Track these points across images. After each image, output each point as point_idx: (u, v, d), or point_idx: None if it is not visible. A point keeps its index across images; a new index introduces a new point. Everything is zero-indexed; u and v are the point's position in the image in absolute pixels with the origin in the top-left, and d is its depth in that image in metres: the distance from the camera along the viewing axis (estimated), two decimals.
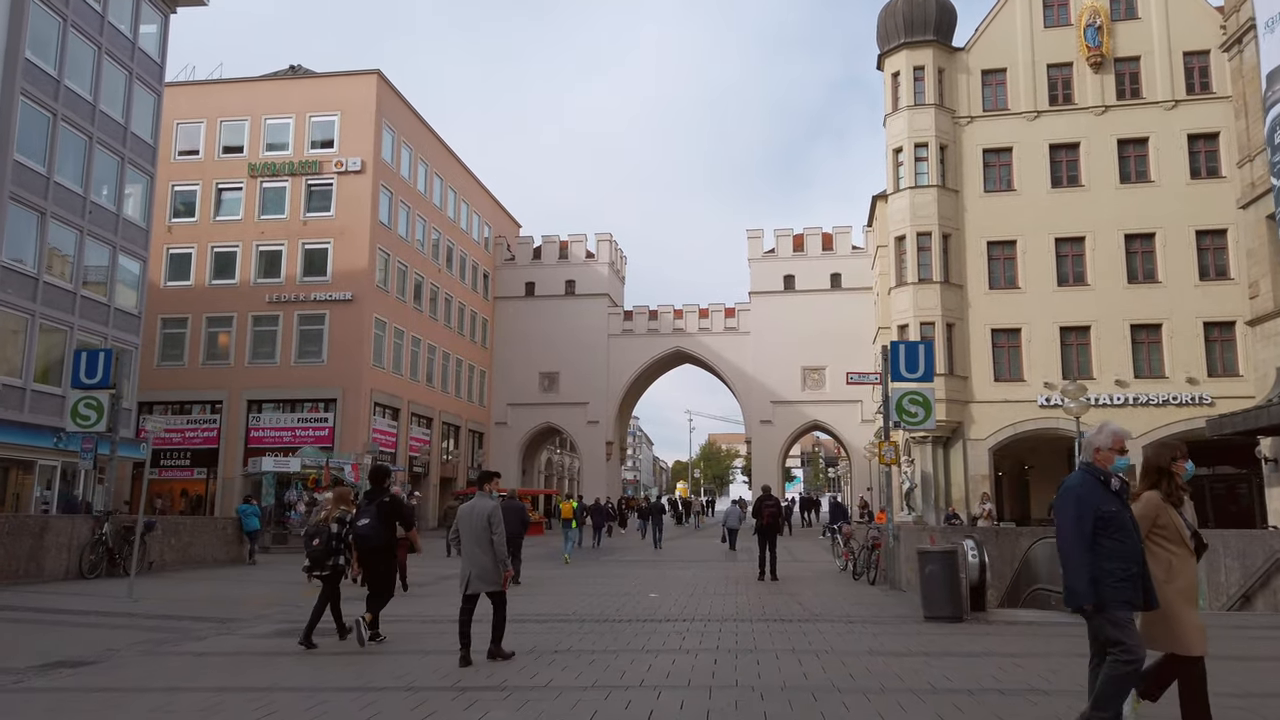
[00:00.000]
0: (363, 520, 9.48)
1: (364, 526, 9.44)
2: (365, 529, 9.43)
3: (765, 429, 50.92)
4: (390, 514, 9.56)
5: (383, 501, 9.60)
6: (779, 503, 17.72)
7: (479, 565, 8.49)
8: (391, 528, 9.59)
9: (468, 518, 8.63)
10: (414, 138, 44.04)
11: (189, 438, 38.65)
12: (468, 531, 8.61)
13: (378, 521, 9.45)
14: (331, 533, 9.60)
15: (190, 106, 40.79)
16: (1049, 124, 35.46)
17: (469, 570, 8.55)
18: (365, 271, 38.66)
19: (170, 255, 40.01)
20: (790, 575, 18.08)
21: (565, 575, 19.25)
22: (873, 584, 15.83)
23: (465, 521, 8.65)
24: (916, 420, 14.73)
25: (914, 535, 13.43)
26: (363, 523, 9.47)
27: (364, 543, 9.45)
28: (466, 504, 8.81)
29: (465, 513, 8.70)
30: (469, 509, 8.68)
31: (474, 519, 8.57)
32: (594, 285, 54.31)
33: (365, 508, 9.59)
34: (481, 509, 8.57)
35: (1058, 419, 33.88)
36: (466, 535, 8.63)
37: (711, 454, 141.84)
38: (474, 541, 8.55)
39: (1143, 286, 33.97)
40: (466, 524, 8.62)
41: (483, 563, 8.47)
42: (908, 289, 35.24)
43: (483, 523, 8.51)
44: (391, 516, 9.58)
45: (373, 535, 9.42)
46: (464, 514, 8.70)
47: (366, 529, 9.43)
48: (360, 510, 9.64)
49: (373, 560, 9.54)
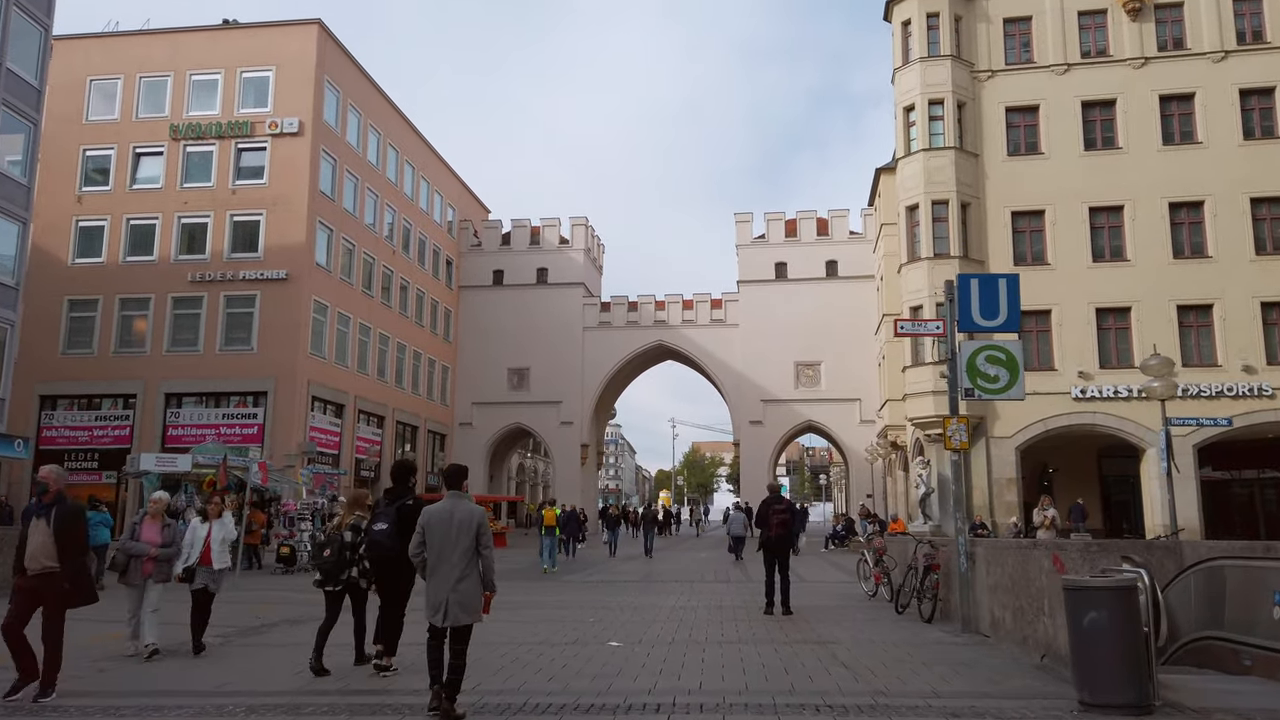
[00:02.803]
0: (379, 525, 8.19)
1: (380, 533, 8.15)
2: (381, 536, 8.14)
3: (755, 430, 46.34)
4: (413, 520, 7.47)
5: (404, 505, 8.22)
6: (792, 506, 13.06)
7: (461, 590, 6.59)
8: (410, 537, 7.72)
9: (444, 526, 6.70)
10: (364, 102, 39.30)
11: (97, 436, 33.64)
12: (445, 544, 6.66)
13: (396, 528, 8.06)
14: (345, 541, 8.54)
15: (106, 61, 35.94)
16: (1081, 78, 31.18)
17: (445, 596, 6.58)
18: (302, 247, 33.83)
19: (80, 228, 35.04)
20: (806, 605, 13.46)
21: (515, 603, 14.51)
22: (929, 621, 11.23)
23: (440, 531, 6.69)
24: (997, 386, 10.22)
25: (1012, 554, 8.85)
26: (379, 528, 8.18)
27: (378, 552, 8.15)
28: (438, 508, 6.84)
29: (440, 520, 6.73)
30: (445, 515, 6.75)
31: (456, 528, 6.68)
32: (568, 274, 49.64)
33: (384, 511, 8.27)
34: (466, 515, 6.74)
35: (1094, 413, 29.60)
36: (443, 549, 6.67)
37: (695, 462, 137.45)
38: (456, 558, 6.64)
39: (1190, 262, 29.71)
40: (442, 534, 6.68)
41: (466, 587, 6.62)
42: (921, 265, 30.79)
43: (469, 534, 6.68)
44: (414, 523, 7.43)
45: (389, 544, 8.04)
46: (438, 521, 6.73)
47: (382, 536, 8.12)
48: (377, 514, 8.36)
49: (389, 574, 8.19)
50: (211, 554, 9.88)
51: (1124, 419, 29.48)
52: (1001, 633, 9.30)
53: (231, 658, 9.52)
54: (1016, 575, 8.70)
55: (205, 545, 9.90)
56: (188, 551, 9.83)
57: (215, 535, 10.01)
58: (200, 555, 9.85)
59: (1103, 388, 29.41)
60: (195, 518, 10.62)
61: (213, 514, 10.23)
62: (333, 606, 8.68)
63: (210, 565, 9.84)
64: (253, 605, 13.94)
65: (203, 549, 9.88)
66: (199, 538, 9.96)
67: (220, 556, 10.00)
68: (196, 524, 10.24)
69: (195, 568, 9.76)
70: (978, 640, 9.67)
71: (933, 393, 29.94)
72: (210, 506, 10.41)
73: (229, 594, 14.67)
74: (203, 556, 9.85)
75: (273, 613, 12.90)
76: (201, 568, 9.79)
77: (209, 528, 10.05)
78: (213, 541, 9.95)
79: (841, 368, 45.27)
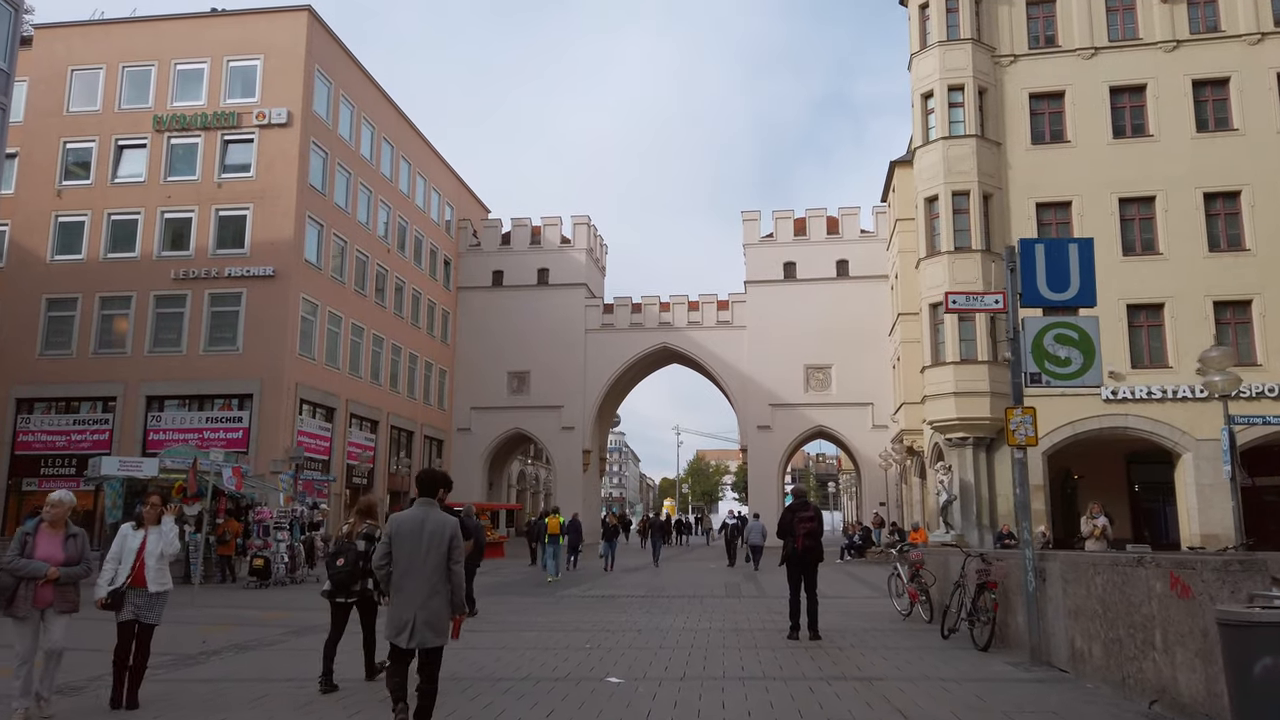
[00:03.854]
0: None
1: None
2: None
3: (763, 435, 44.64)
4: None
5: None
6: (819, 514, 11.39)
7: (429, 608, 5.89)
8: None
9: (413, 538, 5.98)
10: (357, 94, 37.81)
11: (75, 441, 32.03)
12: (414, 557, 5.95)
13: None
14: (359, 551, 8.17)
15: (88, 50, 34.48)
16: (1108, 63, 29.59)
17: (412, 614, 5.86)
18: (290, 243, 32.28)
19: (59, 224, 33.51)
20: (833, 627, 11.81)
21: (502, 623, 12.86)
22: (985, 649, 9.56)
23: (408, 543, 5.98)
24: (1068, 371, 8.60)
25: (1103, 572, 7.18)
26: None
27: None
28: (407, 516, 6.13)
29: (408, 530, 6.02)
30: (414, 524, 6.04)
31: (427, 540, 5.96)
32: (570, 274, 48.05)
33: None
34: (438, 526, 6.02)
35: (1126, 415, 27.92)
36: (412, 562, 5.96)
37: (700, 470, 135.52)
38: (426, 573, 5.94)
39: (1226, 255, 28.08)
40: (410, 547, 5.97)
41: (436, 605, 5.89)
42: (940, 260, 29.16)
43: (441, 546, 5.97)
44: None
45: None
46: (406, 532, 6.02)
47: None
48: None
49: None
50: (147, 573, 7.47)
51: (1158, 421, 27.79)
52: (1086, 668, 7.64)
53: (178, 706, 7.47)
54: (1110, 598, 7.06)
55: (138, 561, 7.47)
56: (113, 570, 7.42)
57: (152, 548, 7.55)
58: (132, 574, 7.43)
59: (1135, 388, 27.73)
60: (126, 525, 7.91)
61: (148, 520, 7.71)
62: (339, 619, 8.24)
63: (145, 587, 7.44)
64: (205, 625, 12.29)
65: (134, 565, 7.46)
66: (129, 550, 7.51)
67: (159, 575, 7.56)
68: (127, 532, 7.68)
69: (124, 591, 7.35)
70: (1054, 676, 8.01)
71: (954, 394, 28.32)
72: (145, 510, 7.81)
73: (178, 612, 13.06)
74: (135, 575, 7.44)
75: (222, 636, 11.26)
76: (133, 591, 7.39)
77: (143, 537, 7.57)
78: (148, 556, 7.52)
79: (853, 371, 43.60)
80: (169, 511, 8.20)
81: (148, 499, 8.05)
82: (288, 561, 19.90)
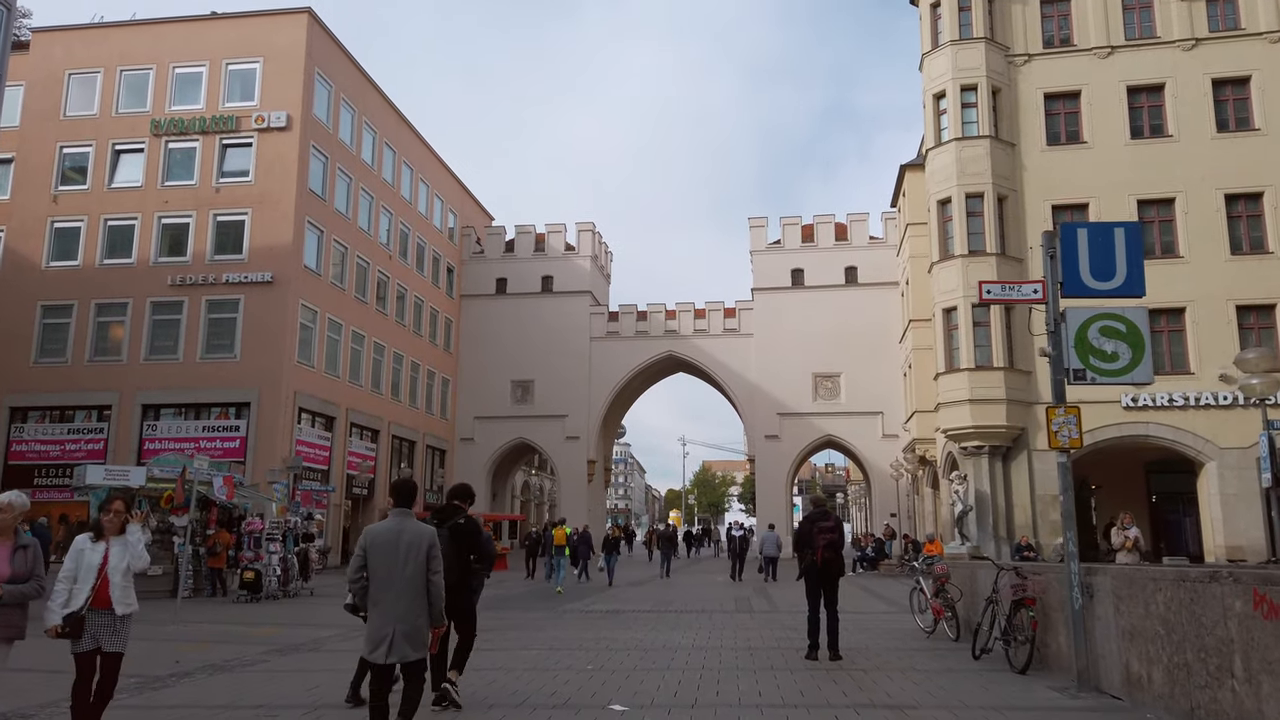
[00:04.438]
0: None
1: None
2: None
3: (771, 445, 43.81)
4: (468, 541, 7.66)
5: (457, 524, 7.68)
6: (840, 524, 10.65)
7: (408, 621, 5.72)
8: (467, 558, 7.69)
9: (389, 550, 5.77)
10: (358, 98, 37.26)
11: (69, 451, 31.35)
12: (391, 569, 5.74)
13: (452, 550, 7.28)
14: None
15: (86, 53, 34.01)
16: (1125, 62, 28.90)
17: (391, 628, 5.67)
18: (289, 248, 31.66)
19: (55, 230, 32.95)
20: (854, 645, 11.02)
21: (497, 641, 12.09)
22: (1023, 671, 8.76)
23: (384, 555, 5.78)
24: (1116, 367, 7.86)
25: (1166, 588, 6.41)
26: None
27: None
28: (382, 527, 5.92)
29: (384, 542, 5.80)
30: (390, 535, 5.83)
31: (404, 551, 5.78)
32: (574, 281, 47.38)
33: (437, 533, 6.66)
34: (415, 537, 5.85)
35: (1147, 423, 27.10)
36: (389, 575, 5.74)
37: (706, 481, 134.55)
38: (402, 585, 5.74)
39: (1250, 259, 27.30)
40: (387, 559, 5.77)
41: (414, 618, 5.74)
42: (954, 263, 28.42)
43: (419, 557, 5.80)
44: (469, 545, 7.67)
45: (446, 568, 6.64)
46: (381, 544, 5.80)
47: None
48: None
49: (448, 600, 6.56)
50: (111, 591, 6.14)
51: (1180, 429, 26.97)
52: (1145, 695, 6.86)
53: None
54: (1175, 618, 6.28)
55: (100, 578, 6.15)
56: (67, 591, 6.09)
57: (116, 562, 6.23)
58: (93, 594, 6.10)
59: (1156, 395, 26.91)
60: (82, 537, 6.42)
61: (109, 529, 6.33)
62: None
63: (110, 609, 6.12)
64: (182, 643, 11.54)
65: (96, 584, 6.12)
66: (88, 566, 6.18)
67: (125, 595, 6.24)
68: (84, 546, 6.28)
69: (83, 614, 6.02)
70: (1107, 704, 7.23)
71: (969, 401, 27.52)
72: (106, 518, 6.39)
73: (158, 629, 12.33)
74: (96, 595, 6.10)
75: (198, 655, 10.50)
76: (95, 614, 6.06)
77: (104, 551, 6.24)
78: (112, 572, 6.19)
79: (862, 379, 42.80)
80: (135, 519, 6.70)
81: (110, 505, 6.52)
82: (280, 574, 19.15)
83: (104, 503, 6.63)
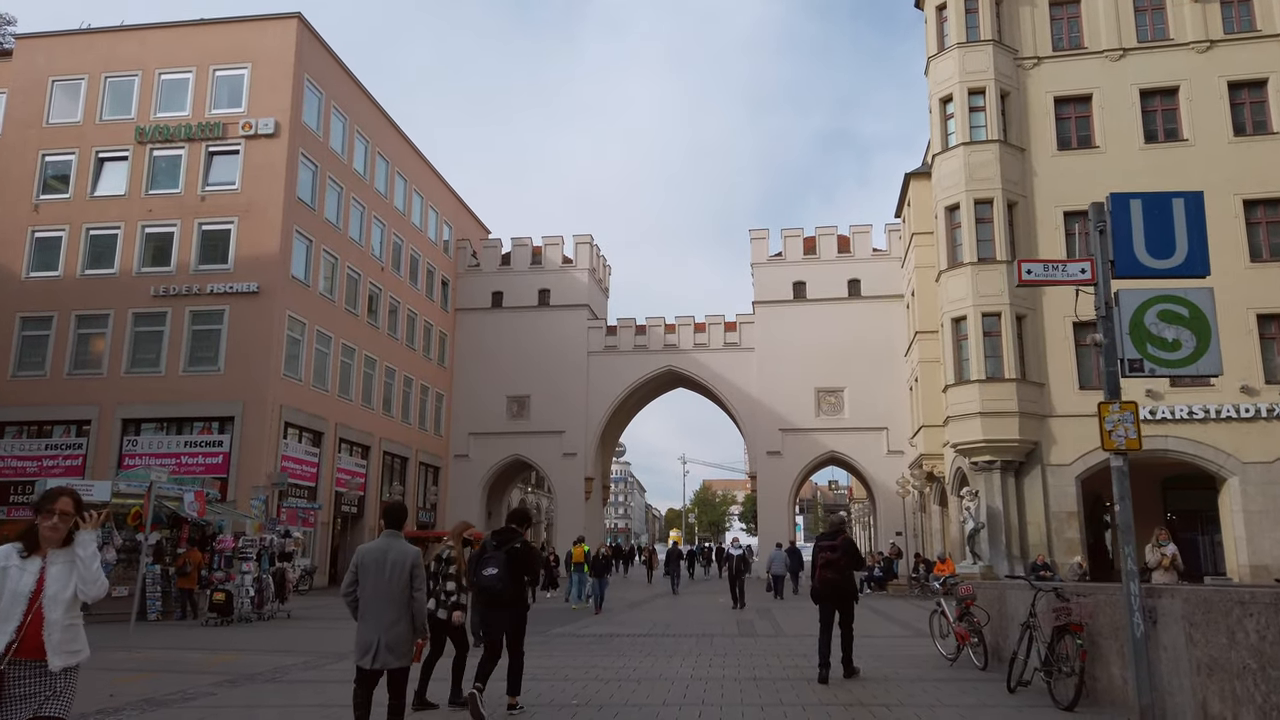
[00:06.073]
0: (489, 570, 7.84)
1: (490, 577, 7.81)
2: (492, 580, 7.81)
3: (773, 462, 42.66)
4: (521, 564, 7.95)
5: (514, 548, 7.97)
6: (848, 543, 9.76)
7: (393, 632, 6.32)
8: (521, 580, 8.03)
9: (378, 567, 6.41)
10: (349, 106, 36.43)
11: (47, 467, 30.24)
12: (378, 585, 6.38)
13: (507, 572, 7.82)
14: (430, 571, 8.19)
15: (70, 60, 33.21)
16: (1138, 64, 28.06)
17: (376, 637, 6.29)
18: (276, 258, 30.70)
19: (35, 239, 32.01)
20: (873, 675, 9.93)
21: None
22: (1070, 708, 7.64)
23: (374, 571, 6.41)
24: (1178, 356, 6.82)
25: (1259, 613, 5.33)
26: (489, 572, 7.83)
27: (488, 596, 7.90)
28: (372, 547, 6.60)
29: (374, 560, 6.43)
30: (379, 555, 6.47)
31: (390, 569, 6.40)
32: (572, 295, 46.39)
33: (492, 554, 7.93)
34: (400, 556, 6.48)
35: (1166, 437, 26.01)
36: (375, 590, 6.38)
37: (706, 500, 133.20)
38: (388, 600, 6.36)
39: (1270, 266, 26.37)
40: (375, 574, 6.40)
41: (398, 630, 6.35)
42: (963, 271, 27.45)
43: (403, 575, 6.40)
44: (521, 568, 7.97)
45: (500, 587, 7.79)
46: (371, 561, 6.43)
47: (494, 580, 7.80)
48: (486, 557, 7.97)
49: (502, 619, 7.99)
50: (46, 633, 4.19)
51: (1201, 443, 25.89)
52: None
53: None
54: (1274, 651, 5.19)
55: (31, 613, 4.18)
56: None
57: (55, 590, 4.27)
58: (18, 638, 4.14)
59: (1175, 408, 25.87)
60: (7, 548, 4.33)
61: (50, 540, 4.33)
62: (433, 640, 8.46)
63: (42, 660, 4.18)
64: (124, 674, 10.40)
65: (24, 621, 4.16)
66: (16, 595, 4.20)
67: (67, 638, 4.27)
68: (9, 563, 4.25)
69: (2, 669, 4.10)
70: None
71: (980, 414, 26.46)
72: (47, 524, 4.32)
73: (107, 655, 11.18)
74: (23, 639, 4.15)
75: (136, 687, 9.37)
76: (18, 665, 4.13)
77: (39, 572, 4.27)
78: (49, 604, 4.24)
79: (866, 394, 41.72)
80: (87, 524, 4.44)
81: (52, 504, 4.37)
82: (254, 596, 18.00)
83: (42, 501, 4.42)
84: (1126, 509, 6.86)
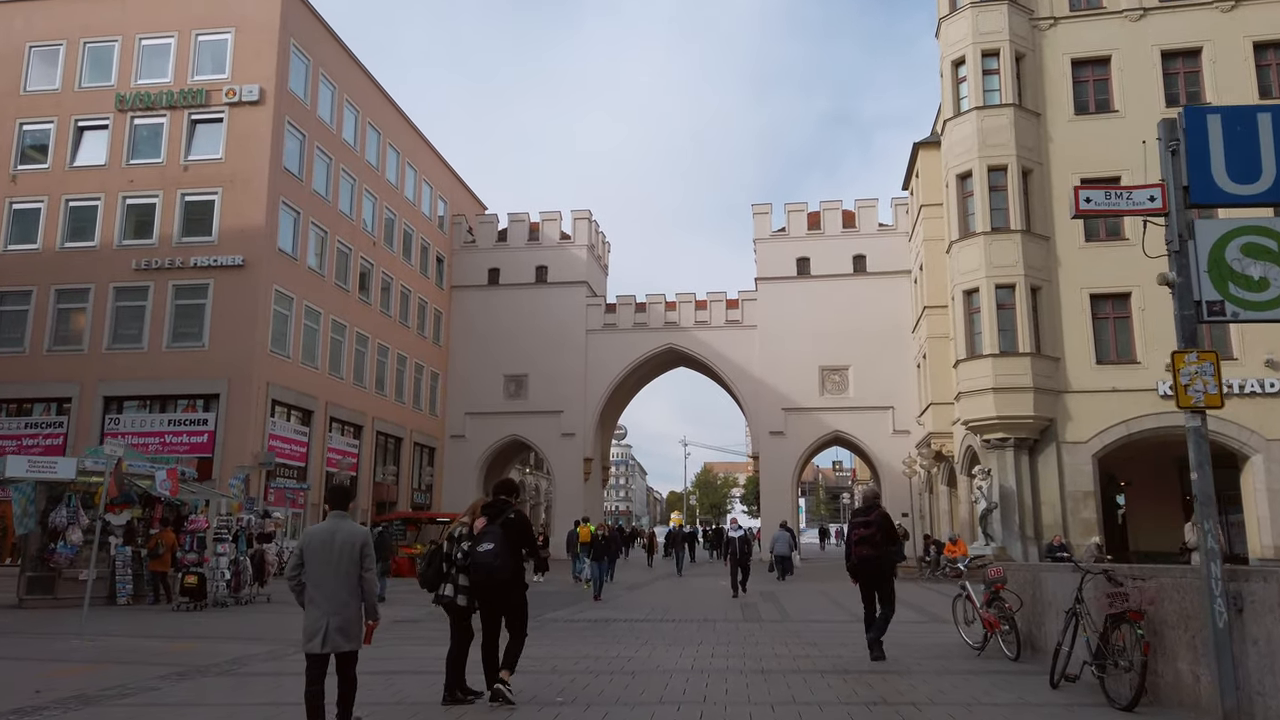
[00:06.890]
0: (485, 545, 7.30)
1: (486, 553, 7.26)
2: (488, 557, 7.25)
3: (775, 442, 41.70)
4: (518, 535, 7.46)
5: (508, 519, 7.52)
6: (883, 519, 9.07)
7: (342, 615, 6.05)
8: (519, 553, 7.51)
9: (325, 549, 6.11)
10: (339, 74, 35.21)
11: (27, 446, 29.22)
12: (325, 568, 6.07)
13: (504, 546, 7.31)
14: (443, 552, 7.63)
15: (48, 25, 31.99)
16: (1159, 24, 26.86)
17: (324, 622, 6.00)
18: (261, 230, 29.60)
19: (13, 211, 30.92)
20: (897, 666, 8.97)
21: None
22: (1130, 709, 6.64)
23: (320, 554, 6.10)
24: (1265, 298, 5.80)
25: None
26: (485, 548, 7.29)
27: (484, 573, 7.27)
28: (318, 530, 6.25)
29: (320, 542, 6.15)
30: (325, 537, 6.16)
31: (337, 551, 6.10)
32: (570, 272, 45.28)
33: (488, 530, 7.41)
34: (348, 537, 6.17)
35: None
36: (323, 573, 6.07)
37: (708, 482, 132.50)
38: (336, 583, 6.08)
39: None
40: (322, 557, 6.09)
41: (348, 613, 6.09)
42: (976, 241, 26.35)
43: (352, 557, 6.11)
44: (519, 539, 7.47)
45: (498, 564, 7.25)
46: (316, 545, 6.14)
47: (490, 557, 7.24)
48: (482, 534, 7.41)
49: (501, 596, 7.46)
50: None
51: (1223, 419, 24.77)
52: None
53: None
54: None
55: None
56: None
57: None
58: None
59: None
60: None
61: None
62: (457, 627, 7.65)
63: None
64: (63, 665, 9.40)
65: None
66: None
67: None
68: None
69: None
70: None
71: (993, 390, 25.44)
72: None
73: (58, 643, 10.21)
74: None
75: (70, 681, 8.37)
76: None
77: None
78: None
79: (872, 372, 40.70)
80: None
81: None
82: (230, 579, 17.04)
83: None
84: (1206, 477, 5.83)
